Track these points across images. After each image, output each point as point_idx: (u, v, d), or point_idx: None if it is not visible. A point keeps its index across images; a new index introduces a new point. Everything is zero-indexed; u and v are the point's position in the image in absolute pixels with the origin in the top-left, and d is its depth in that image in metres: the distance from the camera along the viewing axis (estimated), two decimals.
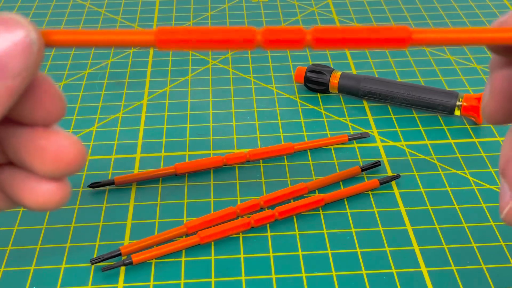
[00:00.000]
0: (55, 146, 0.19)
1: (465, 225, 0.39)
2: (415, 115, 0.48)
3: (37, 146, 0.20)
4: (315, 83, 0.50)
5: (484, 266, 0.36)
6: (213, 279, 0.36)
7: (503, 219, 0.21)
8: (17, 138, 0.20)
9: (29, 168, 0.20)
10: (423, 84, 0.51)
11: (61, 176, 0.20)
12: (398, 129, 0.47)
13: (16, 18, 0.18)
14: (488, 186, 0.42)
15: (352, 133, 0.46)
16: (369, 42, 0.20)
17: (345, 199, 0.41)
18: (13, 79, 0.18)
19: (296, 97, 0.51)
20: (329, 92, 0.51)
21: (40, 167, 0.20)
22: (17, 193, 0.20)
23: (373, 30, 0.20)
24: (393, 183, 0.42)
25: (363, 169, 0.43)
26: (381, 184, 0.42)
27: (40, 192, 0.20)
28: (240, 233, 0.39)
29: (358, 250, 0.38)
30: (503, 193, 0.21)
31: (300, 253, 0.37)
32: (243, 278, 0.36)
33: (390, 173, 0.43)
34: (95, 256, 0.37)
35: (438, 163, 0.44)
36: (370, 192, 0.42)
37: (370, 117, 0.48)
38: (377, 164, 0.43)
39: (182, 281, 0.36)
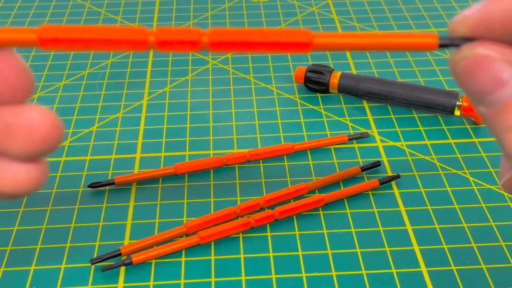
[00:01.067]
0: (24, 121, 0.17)
1: (465, 225, 0.39)
2: (415, 115, 0.48)
3: (5, 124, 0.18)
4: (315, 83, 0.50)
5: (484, 266, 0.36)
6: (213, 279, 0.36)
7: (501, 186, 0.20)
8: None
9: (2, 150, 0.18)
10: (423, 84, 0.51)
11: (35, 154, 0.18)
12: (398, 129, 0.47)
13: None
14: (488, 186, 0.42)
15: (352, 133, 0.46)
16: (269, 46, 0.19)
17: (345, 199, 0.41)
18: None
19: (296, 97, 0.51)
20: (329, 92, 0.51)
21: (11, 147, 0.18)
22: None
23: (273, 34, 0.19)
24: (393, 183, 0.42)
25: (363, 169, 0.43)
26: (381, 184, 0.42)
27: (13, 175, 0.18)
28: (240, 233, 0.39)
29: (358, 250, 0.38)
30: (504, 161, 0.20)
31: (300, 253, 0.37)
32: (243, 278, 0.36)
33: (390, 173, 0.43)
34: (95, 256, 0.37)
35: (438, 163, 0.44)
36: (370, 192, 0.42)
37: (370, 117, 0.48)
38: (377, 164, 0.43)
39: (182, 281, 0.36)
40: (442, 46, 0.19)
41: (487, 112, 0.19)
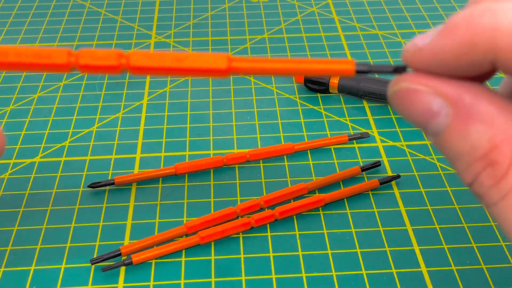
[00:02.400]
0: None
1: (465, 225, 0.39)
2: None
3: None
4: (315, 83, 0.50)
5: (484, 266, 0.36)
6: (213, 279, 0.36)
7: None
8: None
9: None
10: None
11: None
12: (398, 129, 0.47)
13: None
14: None
15: (352, 133, 0.46)
16: (187, 72, 0.19)
17: (345, 199, 0.41)
18: None
19: (296, 97, 0.51)
20: (329, 92, 0.51)
21: None
22: None
23: (191, 59, 0.19)
24: (393, 183, 0.42)
25: (363, 169, 0.43)
26: (381, 184, 0.42)
27: None
28: (240, 233, 0.39)
29: (358, 250, 0.37)
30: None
31: (300, 253, 0.37)
32: (243, 278, 0.36)
33: (390, 173, 0.43)
34: (95, 256, 0.37)
35: (438, 163, 0.44)
36: (370, 192, 0.42)
37: (370, 117, 0.48)
38: (377, 164, 0.43)
39: (182, 281, 0.36)
40: (360, 72, 0.19)
41: (433, 140, 0.19)
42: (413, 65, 0.19)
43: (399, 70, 0.19)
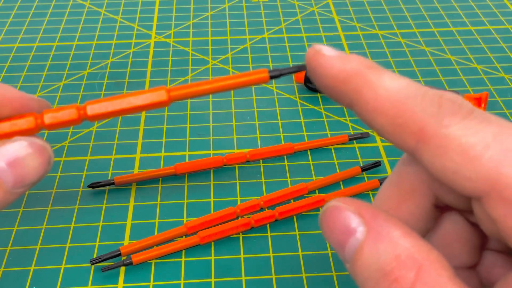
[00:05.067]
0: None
1: None
2: None
3: None
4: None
5: None
6: (213, 279, 0.36)
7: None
8: None
9: None
10: (423, 84, 0.51)
11: None
12: None
13: (43, 146, 0.22)
14: None
15: (352, 133, 0.46)
16: (134, 109, 0.22)
17: None
18: (27, 187, 0.22)
19: (296, 97, 0.51)
20: None
21: None
22: None
23: (134, 98, 0.22)
24: None
25: (363, 169, 0.43)
26: (381, 184, 0.42)
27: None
28: (240, 233, 0.39)
29: None
30: None
31: (300, 253, 0.37)
32: (243, 278, 0.36)
33: (390, 173, 0.43)
34: (95, 256, 0.37)
35: None
36: (370, 192, 0.41)
37: None
38: (377, 164, 0.43)
39: (182, 281, 0.36)
40: (273, 77, 0.22)
41: (348, 268, 0.20)
42: (308, 62, 0.22)
43: (301, 68, 0.22)
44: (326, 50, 0.21)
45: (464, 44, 0.57)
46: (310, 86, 0.51)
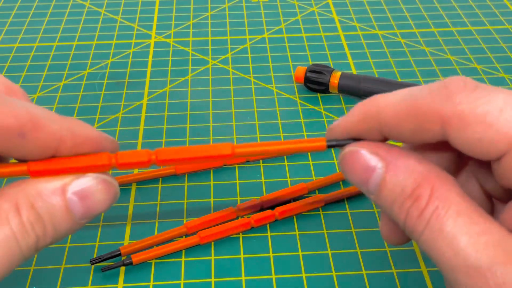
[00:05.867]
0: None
1: None
2: None
3: None
4: (315, 83, 0.50)
5: None
6: (213, 279, 0.36)
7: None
8: None
9: None
10: (423, 84, 0.51)
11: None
12: None
13: (112, 183, 0.24)
14: None
15: None
16: (200, 159, 0.24)
17: (345, 199, 0.41)
18: (93, 217, 0.24)
19: (296, 97, 0.51)
20: (329, 92, 0.51)
21: None
22: None
23: (200, 150, 0.24)
24: None
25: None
26: None
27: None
28: (240, 233, 0.39)
29: (358, 250, 0.37)
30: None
31: (300, 253, 0.37)
32: (243, 278, 0.36)
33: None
34: (95, 256, 0.37)
35: None
36: None
37: None
38: None
39: (182, 281, 0.36)
40: (330, 146, 0.24)
41: (374, 199, 0.24)
42: (332, 133, 0.25)
43: (352, 141, 0.24)
44: (339, 118, 0.25)
45: (464, 44, 0.57)
46: (310, 86, 0.51)
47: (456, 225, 0.21)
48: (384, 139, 0.24)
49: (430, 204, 0.22)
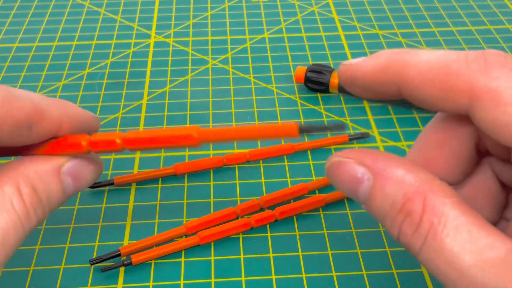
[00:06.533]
0: None
1: None
2: (416, 115, 0.48)
3: None
4: (315, 83, 0.50)
5: None
6: (212, 280, 0.36)
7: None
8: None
9: None
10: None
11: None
12: (398, 129, 0.47)
13: (101, 165, 0.25)
14: None
15: (352, 133, 0.46)
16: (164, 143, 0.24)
17: (345, 200, 0.41)
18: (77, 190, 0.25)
19: (296, 97, 0.50)
20: (329, 92, 0.51)
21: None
22: None
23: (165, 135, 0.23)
24: None
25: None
26: None
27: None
28: (240, 234, 0.39)
29: (359, 251, 0.37)
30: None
31: (300, 253, 0.37)
32: (243, 278, 0.36)
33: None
34: (94, 256, 0.37)
35: None
36: None
37: (370, 117, 0.48)
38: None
39: (182, 281, 0.36)
40: (302, 132, 0.22)
41: (366, 208, 0.22)
42: (343, 75, 0.23)
43: (337, 127, 0.22)
44: (354, 60, 0.23)
45: (464, 44, 0.57)
46: (310, 86, 0.51)
47: (456, 243, 0.19)
48: (398, 97, 0.23)
49: (425, 221, 0.20)
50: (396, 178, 0.21)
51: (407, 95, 0.22)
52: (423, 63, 0.21)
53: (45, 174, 0.23)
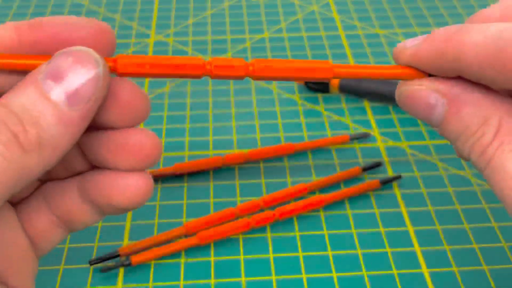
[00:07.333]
0: (134, 142, 0.22)
1: (466, 226, 0.39)
2: None
3: (119, 144, 0.22)
4: (315, 82, 0.50)
5: (485, 267, 0.36)
6: (212, 280, 0.36)
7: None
8: (100, 141, 0.22)
9: (113, 166, 0.22)
10: None
11: (142, 168, 0.22)
12: (399, 129, 0.47)
13: (87, 53, 0.20)
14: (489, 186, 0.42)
15: (353, 133, 0.46)
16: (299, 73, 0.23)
17: (345, 200, 0.41)
18: (84, 104, 0.20)
19: (296, 97, 0.50)
20: (330, 92, 0.51)
21: (121, 164, 0.21)
22: (105, 194, 0.22)
23: (300, 66, 0.23)
24: (394, 183, 0.42)
25: (364, 169, 0.42)
26: (382, 184, 0.41)
27: (127, 185, 0.22)
28: (240, 234, 0.39)
29: (359, 251, 0.37)
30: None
31: (300, 254, 0.37)
32: (243, 279, 0.36)
33: (391, 174, 0.43)
34: (94, 257, 0.37)
35: (439, 164, 0.43)
36: (371, 193, 0.41)
37: (371, 117, 0.48)
38: (378, 165, 0.43)
39: (182, 282, 0.36)
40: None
41: (438, 131, 0.23)
42: (398, 60, 0.23)
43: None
44: (408, 42, 0.23)
45: None
46: (310, 85, 0.50)
47: None
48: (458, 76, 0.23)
49: (495, 141, 0.21)
50: (473, 102, 0.22)
51: (467, 76, 0.22)
52: (478, 48, 0.21)
53: (18, 89, 0.19)
